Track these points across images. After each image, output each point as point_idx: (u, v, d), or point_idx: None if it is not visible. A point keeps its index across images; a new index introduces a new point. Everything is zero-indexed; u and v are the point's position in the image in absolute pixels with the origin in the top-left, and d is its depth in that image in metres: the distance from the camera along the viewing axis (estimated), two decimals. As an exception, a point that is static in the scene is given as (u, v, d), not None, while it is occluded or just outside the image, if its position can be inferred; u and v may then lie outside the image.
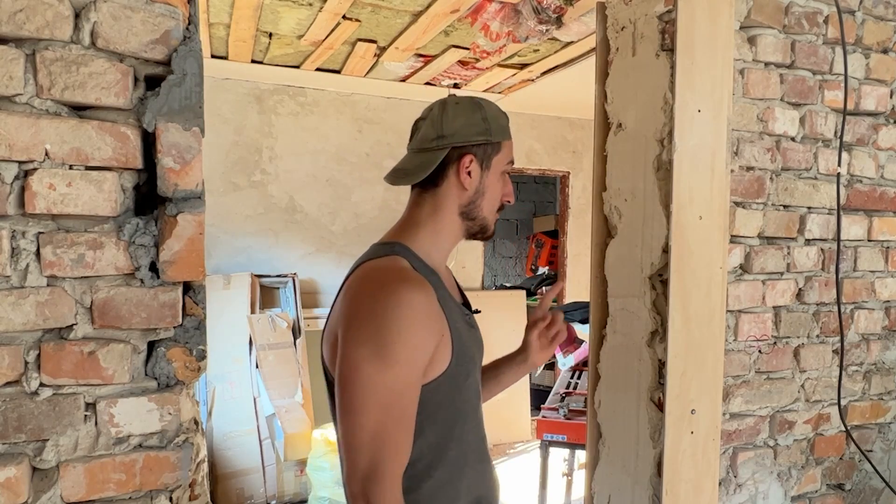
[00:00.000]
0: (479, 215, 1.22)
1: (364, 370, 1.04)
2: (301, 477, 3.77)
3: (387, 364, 1.03)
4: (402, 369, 1.04)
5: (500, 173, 1.23)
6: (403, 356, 1.04)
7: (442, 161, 1.18)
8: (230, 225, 4.35)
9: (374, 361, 1.03)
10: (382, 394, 1.03)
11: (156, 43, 1.01)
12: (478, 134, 1.18)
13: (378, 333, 1.04)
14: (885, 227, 2.00)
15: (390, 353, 1.03)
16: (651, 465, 1.68)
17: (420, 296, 1.07)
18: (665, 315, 1.63)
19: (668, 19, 1.63)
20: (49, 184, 0.95)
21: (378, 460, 1.03)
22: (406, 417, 1.06)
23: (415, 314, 1.06)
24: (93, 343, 0.99)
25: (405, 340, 1.04)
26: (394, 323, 1.04)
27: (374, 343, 1.04)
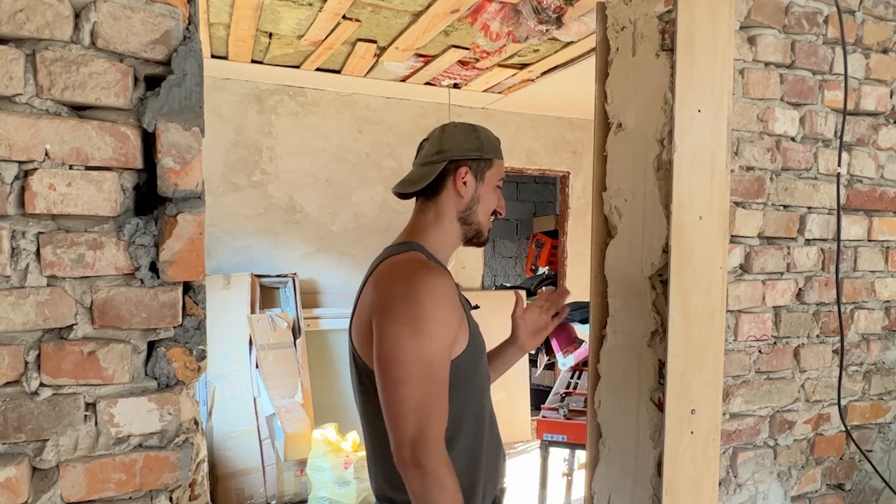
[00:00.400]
0: (475, 220, 1.40)
1: (405, 346, 1.17)
2: (301, 477, 3.77)
3: (424, 340, 1.17)
4: (437, 343, 1.19)
5: (493, 187, 1.41)
6: (437, 332, 1.19)
7: (442, 173, 1.37)
8: (230, 225, 4.35)
9: (414, 338, 1.17)
10: (423, 366, 1.17)
11: (156, 43, 1.01)
12: (472, 150, 1.37)
13: (413, 313, 1.18)
14: (885, 227, 2.00)
15: (426, 330, 1.18)
16: (651, 465, 1.68)
17: (445, 279, 1.24)
18: (665, 315, 1.63)
19: (668, 19, 1.63)
20: (49, 184, 0.95)
21: (425, 426, 1.15)
22: (444, 385, 1.20)
23: (444, 295, 1.22)
24: (93, 343, 0.99)
25: (438, 318, 1.19)
26: (427, 303, 1.19)
27: (412, 322, 1.18)
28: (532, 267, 6.89)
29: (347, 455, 3.49)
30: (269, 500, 3.70)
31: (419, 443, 1.14)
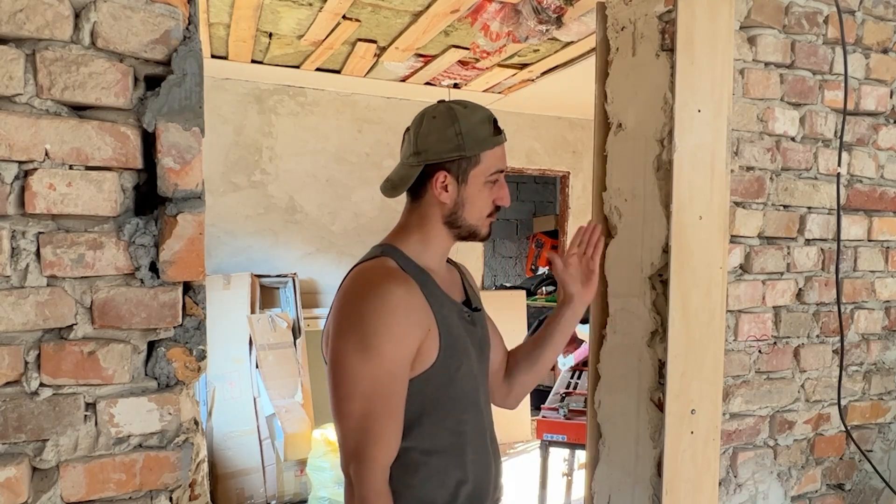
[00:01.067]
0: (464, 224, 1.26)
1: (349, 361, 1.12)
2: (301, 477, 3.77)
3: (369, 355, 1.11)
4: (385, 361, 1.11)
5: (483, 184, 1.24)
6: (385, 348, 1.11)
7: (421, 176, 1.24)
8: (230, 225, 4.35)
9: (358, 353, 1.11)
10: (366, 384, 1.11)
11: (156, 43, 1.01)
12: (451, 150, 1.21)
13: (361, 326, 1.12)
14: (885, 227, 2.00)
15: (372, 345, 1.11)
16: (651, 465, 1.68)
17: (400, 291, 1.15)
18: (665, 315, 1.63)
19: (668, 19, 1.63)
20: (49, 184, 0.95)
21: (363, 446, 1.11)
22: (390, 407, 1.13)
23: (395, 308, 1.13)
24: (93, 343, 0.99)
25: (387, 333, 1.11)
26: (375, 316, 1.12)
27: (358, 336, 1.12)
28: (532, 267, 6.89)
29: (347, 455, 3.48)
30: (269, 500, 3.70)
31: (356, 463, 1.12)
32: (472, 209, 1.25)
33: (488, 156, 1.23)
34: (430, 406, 1.20)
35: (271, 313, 4.03)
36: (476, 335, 1.32)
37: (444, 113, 1.23)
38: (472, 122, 1.22)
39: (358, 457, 1.12)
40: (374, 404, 1.11)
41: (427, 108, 1.27)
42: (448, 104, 1.26)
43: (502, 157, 1.26)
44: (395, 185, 1.27)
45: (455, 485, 1.22)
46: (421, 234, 1.27)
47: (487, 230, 1.29)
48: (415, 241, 1.27)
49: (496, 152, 1.24)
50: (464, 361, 1.25)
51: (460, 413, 1.25)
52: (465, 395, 1.26)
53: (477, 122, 1.23)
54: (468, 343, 1.28)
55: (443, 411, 1.22)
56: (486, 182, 1.24)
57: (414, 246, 1.26)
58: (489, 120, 1.24)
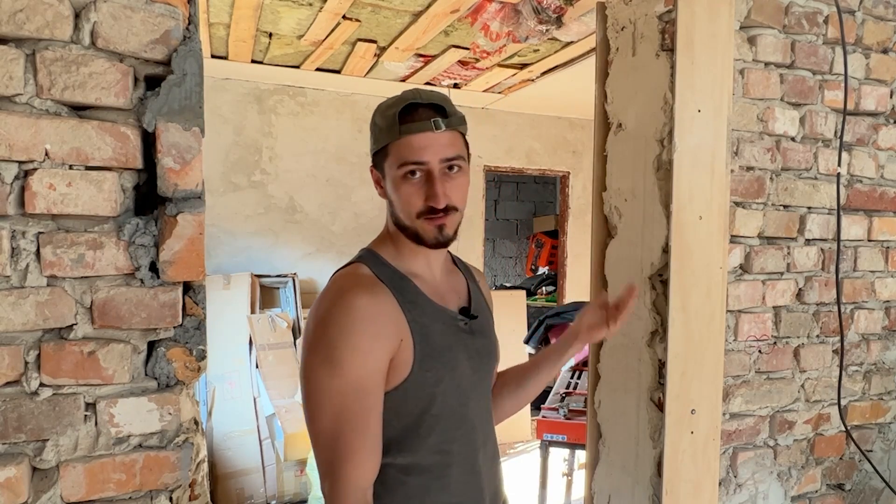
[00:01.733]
0: (402, 223, 1.15)
1: (315, 377, 1.06)
2: (301, 477, 3.77)
3: (334, 370, 1.05)
4: (350, 375, 1.05)
5: (398, 178, 1.11)
6: (349, 362, 1.05)
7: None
8: (230, 225, 4.35)
9: (324, 367, 1.05)
10: (335, 399, 1.05)
11: (156, 43, 1.01)
12: (372, 146, 1.17)
13: (325, 340, 1.06)
14: (885, 227, 2.00)
15: (337, 358, 1.05)
16: (651, 465, 1.68)
17: (365, 300, 1.07)
18: (665, 315, 1.63)
19: (668, 19, 1.63)
20: (49, 184, 0.95)
21: (335, 464, 1.06)
22: (361, 423, 1.06)
23: (358, 319, 1.06)
24: (93, 343, 0.99)
25: (351, 345, 1.05)
26: (337, 329, 1.05)
27: (323, 350, 1.06)
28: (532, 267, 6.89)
29: (347, 455, 3.49)
30: (269, 500, 3.70)
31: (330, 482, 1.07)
32: (398, 207, 1.14)
33: (395, 147, 1.10)
34: (410, 422, 1.12)
35: (271, 313, 4.03)
36: (473, 345, 1.22)
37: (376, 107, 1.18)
38: (381, 113, 1.14)
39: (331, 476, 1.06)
40: (344, 421, 1.05)
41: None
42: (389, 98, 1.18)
43: (417, 149, 1.09)
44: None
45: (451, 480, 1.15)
46: (391, 235, 1.20)
47: (432, 234, 1.12)
48: (389, 243, 1.20)
49: (405, 142, 1.09)
50: (445, 375, 1.15)
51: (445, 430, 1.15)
52: (450, 412, 1.16)
53: (384, 112, 1.13)
54: (457, 354, 1.17)
55: (424, 427, 1.13)
56: (400, 176, 1.10)
57: (389, 250, 1.19)
58: (397, 107, 1.11)
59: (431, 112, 1.12)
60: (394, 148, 1.11)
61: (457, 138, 1.14)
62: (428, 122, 1.10)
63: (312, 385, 1.07)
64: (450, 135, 1.12)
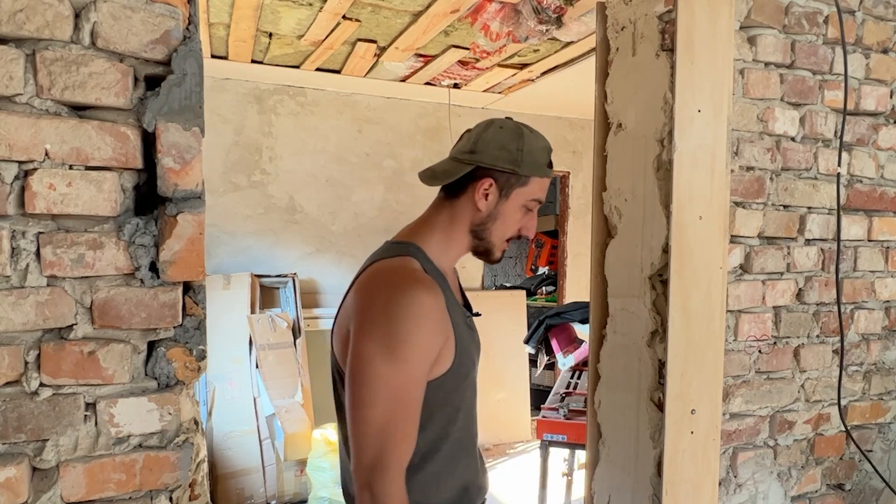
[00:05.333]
0: (488, 238, 1.26)
1: (375, 366, 1.08)
2: (301, 477, 3.77)
3: (397, 362, 1.08)
4: (411, 367, 1.10)
5: (521, 206, 1.25)
6: (412, 355, 1.09)
7: (467, 175, 1.23)
8: (230, 225, 4.35)
9: (385, 358, 1.08)
10: (391, 389, 1.09)
11: (156, 43, 1.01)
12: (507, 161, 1.22)
13: (390, 332, 1.09)
14: (885, 227, 2.00)
15: (400, 352, 1.08)
16: (651, 465, 1.68)
17: (430, 299, 1.12)
18: (665, 315, 1.63)
19: (668, 19, 1.63)
20: (49, 184, 0.95)
21: (384, 452, 1.08)
22: (412, 412, 1.11)
23: (425, 316, 1.11)
24: (93, 343, 0.99)
25: (415, 340, 1.09)
26: (405, 323, 1.09)
27: (386, 341, 1.09)
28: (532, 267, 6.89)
29: (347, 455, 3.49)
30: (269, 500, 3.70)
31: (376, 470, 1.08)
32: (501, 226, 1.25)
33: (536, 182, 1.25)
34: (436, 412, 1.18)
35: (271, 313, 4.03)
36: (475, 340, 1.32)
37: (512, 128, 1.25)
38: (534, 146, 1.24)
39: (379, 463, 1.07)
40: (398, 410, 1.09)
41: (497, 118, 1.29)
42: (518, 123, 1.28)
43: (545, 190, 1.28)
44: (436, 175, 1.26)
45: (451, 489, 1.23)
46: (445, 234, 1.25)
47: (501, 254, 1.29)
48: (437, 240, 1.25)
49: (543, 183, 1.27)
50: (471, 370, 1.25)
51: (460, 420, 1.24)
52: (467, 403, 1.26)
53: (539, 148, 1.25)
54: (472, 349, 1.27)
55: (446, 418, 1.21)
56: (523, 205, 1.25)
57: (435, 246, 1.25)
58: (548, 151, 1.28)
59: None
60: (535, 183, 1.25)
61: None
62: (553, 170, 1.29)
63: (371, 373, 1.09)
64: None
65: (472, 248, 1.28)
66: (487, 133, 1.24)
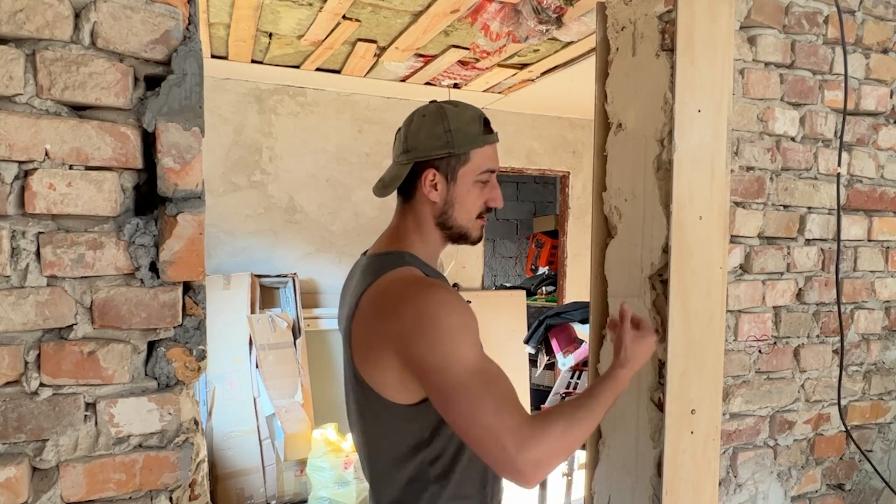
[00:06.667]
0: (454, 224, 1.24)
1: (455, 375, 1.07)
2: (301, 477, 3.77)
3: (465, 351, 1.08)
4: (478, 350, 1.10)
5: (473, 183, 1.22)
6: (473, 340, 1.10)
7: (411, 174, 1.22)
8: (230, 225, 4.35)
9: (456, 354, 1.07)
10: (479, 376, 1.08)
11: (156, 43, 1.01)
12: (439, 147, 1.20)
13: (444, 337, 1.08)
14: (885, 227, 2.00)
15: (463, 341, 1.08)
16: (651, 465, 1.68)
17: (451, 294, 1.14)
18: (665, 315, 1.63)
19: (668, 19, 1.63)
20: (49, 184, 0.95)
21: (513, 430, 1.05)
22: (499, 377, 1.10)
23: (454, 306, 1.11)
24: (93, 343, 0.99)
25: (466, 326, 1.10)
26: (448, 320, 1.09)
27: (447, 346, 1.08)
28: (532, 267, 6.89)
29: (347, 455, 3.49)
30: (269, 500, 3.70)
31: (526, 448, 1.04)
32: (461, 209, 1.22)
33: (478, 154, 1.21)
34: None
35: (271, 313, 4.03)
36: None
37: (434, 111, 1.22)
38: (461, 119, 1.21)
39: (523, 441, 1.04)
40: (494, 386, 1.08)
41: (418, 108, 1.26)
42: (439, 103, 1.25)
43: (493, 157, 1.24)
44: (385, 185, 1.26)
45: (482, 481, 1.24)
46: (419, 236, 1.25)
47: (478, 233, 1.27)
48: (419, 245, 1.25)
49: (486, 151, 1.22)
50: None
51: None
52: None
53: (467, 120, 1.21)
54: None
55: None
56: (475, 181, 1.22)
57: (421, 249, 1.25)
58: (479, 118, 1.22)
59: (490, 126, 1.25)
60: (477, 154, 1.21)
61: None
62: (496, 133, 1.23)
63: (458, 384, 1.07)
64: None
65: (448, 239, 1.26)
66: (413, 126, 1.23)
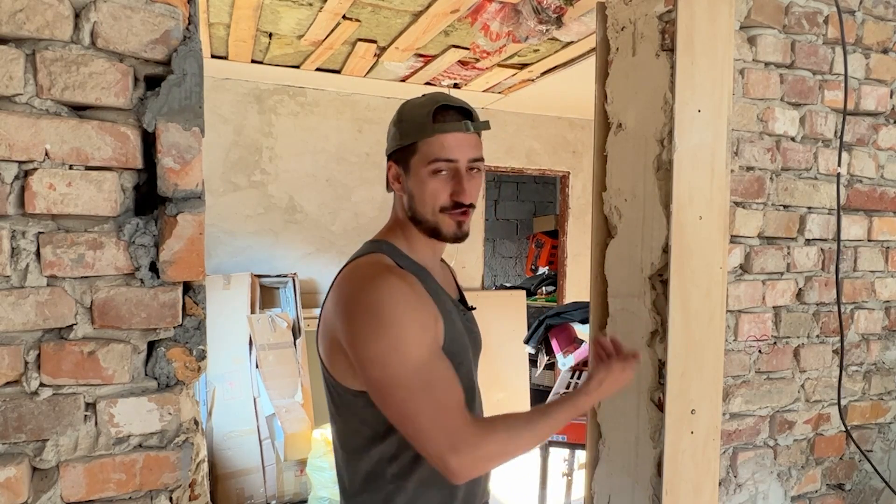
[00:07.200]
0: (420, 217, 1.21)
1: (391, 365, 1.07)
2: (301, 477, 3.77)
3: (405, 348, 1.07)
4: (422, 348, 1.09)
5: (428, 173, 1.17)
6: (409, 333, 1.08)
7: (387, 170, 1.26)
8: (230, 225, 4.35)
9: (394, 351, 1.07)
10: (418, 376, 1.07)
11: (156, 43, 1.01)
12: (393, 140, 1.22)
13: (380, 325, 1.08)
14: (885, 227, 2.00)
15: (403, 337, 1.08)
16: (651, 465, 1.68)
17: (400, 281, 1.12)
18: (665, 315, 1.63)
19: (668, 19, 1.63)
20: (49, 184, 0.95)
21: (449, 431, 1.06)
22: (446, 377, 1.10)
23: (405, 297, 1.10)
24: (93, 343, 0.99)
25: (404, 320, 1.09)
26: (388, 309, 1.09)
27: (382, 335, 1.08)
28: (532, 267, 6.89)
29: (347, 455, 3.49)
30: (269, 500, 3.70)
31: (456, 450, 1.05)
32: (420, 201, 1.19)
33: (426, 144, 1.17)
34: None
35: (271, 313, 4.03)
36: (473, 334, 1.32)
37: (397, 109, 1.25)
38: (413, 111, 1.20)
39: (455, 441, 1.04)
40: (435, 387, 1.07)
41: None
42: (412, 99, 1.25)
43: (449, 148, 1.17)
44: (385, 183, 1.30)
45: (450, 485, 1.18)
46: (400, 229, 1.26)
47: (451, 229, 1.20)
48: (401, 236, 1.26)
49: (438, 140, 1.16)
50: (464, 358, 1.23)
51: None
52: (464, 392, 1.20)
53: (417, 112, 1.19)
54: (466, 341, 1.26)
55: None
56: (429, 171, 1.17)
57: (403, 242, 1.25)
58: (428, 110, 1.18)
59: (460, 115, 1.19)
60: (425, 145, 1.17)
61: (479, 141, 1.23)
62: (460, 122, 1.18)
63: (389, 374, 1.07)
64: (476, 137, 1.21)
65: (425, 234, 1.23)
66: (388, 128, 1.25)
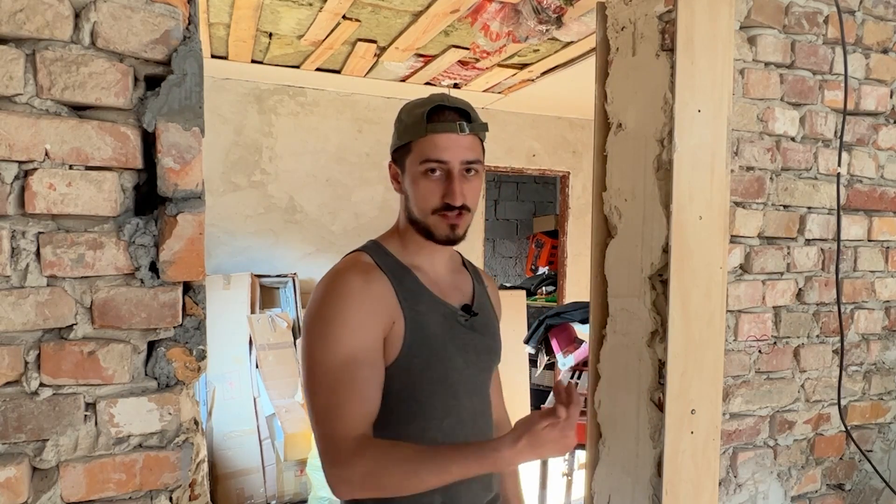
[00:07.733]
0: (416, 217, 1.20)
1: (311, 353, 1.12)
2: (301, 477, 3.77)
3: (327, 344, 1.10)
4: (344, 348, 1.10)
5: (420, 174, 1.16)
6: (342, 333, 1.10)
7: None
8: (230, 225, 4.35)
9: (318, 344, 1.11)
10: (328, 375, 1.10)
11: (156, 43, 1.01)
12: (393, 139, 1.24)
13: (319, 318, 1.12)
14: (885, 227, 2.00)
15: (330, 334, 1.10)
16: (651, 465, 1.68)
17: (357, 281, 1.14)
18: (665, 315, 1.63)
19: (668, 19, 1.63)
20: (49, 184, 0.95)
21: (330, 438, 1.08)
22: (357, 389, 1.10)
23: (350, 296, 1.12)
24: (93, 343, 0.99)
25: (343, 318, 1.11)
26: (331, 306, 1.12)
27: (318, 327, 1.12)
28: (532, 267, 6.89)
29: (347, 455, 3.49)
30: (269, 500, 3.70)
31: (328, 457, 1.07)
32: (414, 200, 1.19)
33: (420, 144, 1.16)
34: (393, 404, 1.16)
35: (271, 313, 4.03)
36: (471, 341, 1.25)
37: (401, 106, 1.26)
38: (411, 111, 1.20)
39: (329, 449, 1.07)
40: (338, 391, 1.09)
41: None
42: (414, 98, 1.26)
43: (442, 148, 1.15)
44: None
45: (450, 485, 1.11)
46: (398, 230, 1.26)
47: (443, 231, 1.17)
48: (396, 236, 1.26)
49: (430, 140, 1.15)
50: (433, 363, 1.18)
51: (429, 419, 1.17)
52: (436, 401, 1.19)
53: (414, 111, 1.19)
54: (448, 345, 1.20)
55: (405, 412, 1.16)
56: (422, 171, 1.16)
57: (394, 243, 1.25)
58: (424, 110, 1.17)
59: (457, 115, 1.18)
60: (418, 145, 1.17)
61: (477, 143, 1.21)
62: (454, 123, 1.17)
63: (309, 362, 1.12)
64: (472, 139, 1.19)
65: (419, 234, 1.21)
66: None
